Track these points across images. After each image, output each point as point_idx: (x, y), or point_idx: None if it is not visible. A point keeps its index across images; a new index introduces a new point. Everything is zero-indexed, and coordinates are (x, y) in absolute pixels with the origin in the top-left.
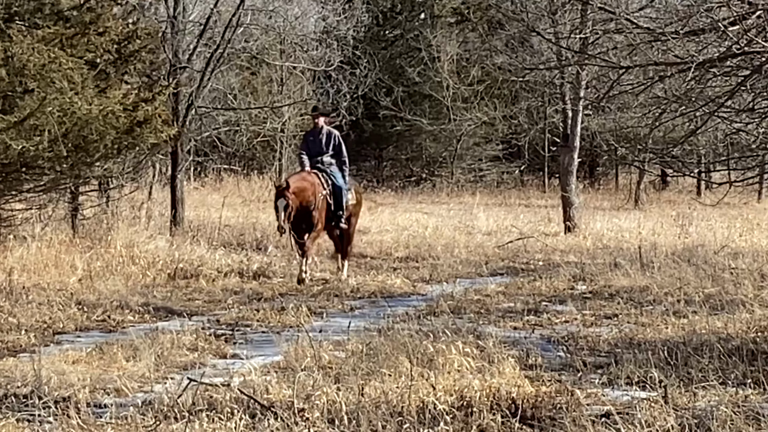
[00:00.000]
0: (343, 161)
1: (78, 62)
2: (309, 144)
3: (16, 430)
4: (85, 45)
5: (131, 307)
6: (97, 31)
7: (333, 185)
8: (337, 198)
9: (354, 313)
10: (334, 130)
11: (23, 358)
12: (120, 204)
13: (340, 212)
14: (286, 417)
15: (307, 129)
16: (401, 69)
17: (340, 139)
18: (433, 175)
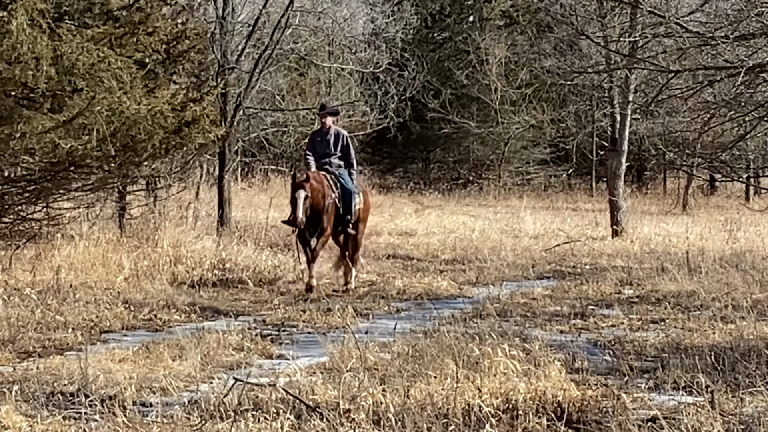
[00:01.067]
0: (351, 163)
1: (127, 62)
2: (316, 144)
3: (62, 428)
4: (134, 45)
5: (178, 306)
6: (146, 31)
7: (342, 188)
8: (346, 202)
9: (400, 315)
10: (342, 130)
11: (70, 356)
12: (167, 204)
13: (349, 217)
14: (331, 417)
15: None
16: (449, 71)
17: (348, 140)
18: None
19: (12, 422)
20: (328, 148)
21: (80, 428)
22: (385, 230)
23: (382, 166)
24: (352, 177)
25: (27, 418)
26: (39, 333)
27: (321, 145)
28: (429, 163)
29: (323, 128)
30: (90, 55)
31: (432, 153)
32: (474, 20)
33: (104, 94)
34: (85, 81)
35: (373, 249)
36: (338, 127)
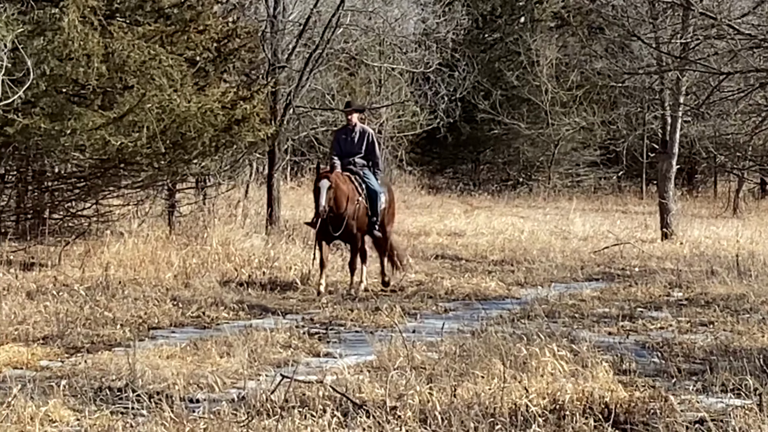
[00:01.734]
0: (376, 162)
1: (178, 59)
2: (341, 143)
3: (110, 423)
4: (185, 42)
5: (226, 304)
6: (197, 29)
7: (367, 189)
8: (372, 203)
9: (448, 314)
10: (368, 128)
11: (118, 351)
12: (216, 202)
13: (375, 218)
14: (378, 415)
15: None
16: (500, 72)
17: (374, 138)
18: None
19: (60, 416)
20: (353, 146)
21: (127, 423)
22: (434, 230)
23: (431, 167)
24: (377, 177)
25: (75, 413)
26: (87, 329)
27: (346, 144)
28: (479, 163)
29: (348, 126)
30: (141, 53)
31: (482, 154)
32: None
33: (155, 91)
34: (135, 78)
35: (422, 249)
36: (364, 124)
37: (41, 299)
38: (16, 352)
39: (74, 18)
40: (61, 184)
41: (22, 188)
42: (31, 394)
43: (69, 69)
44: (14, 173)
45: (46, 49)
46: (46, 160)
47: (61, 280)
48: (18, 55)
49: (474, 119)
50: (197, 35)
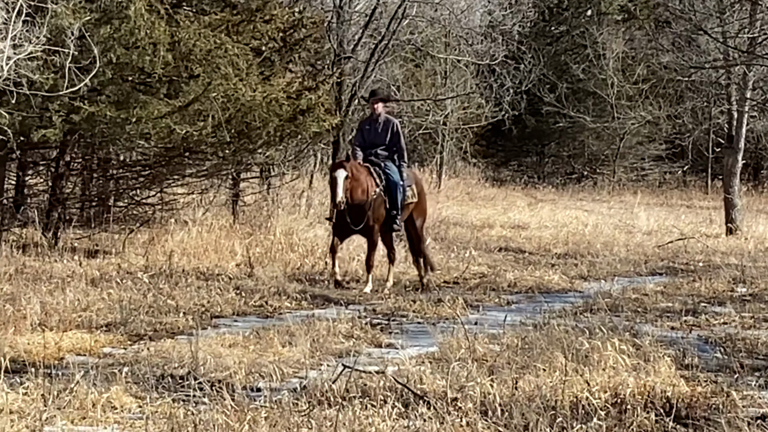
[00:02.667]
0: (400, 153)
1: (243, 49)
2: (364, 133)
3: (172, 410)
4: (250, 32)
5: (289, 293)
6: (263, 19)
7: (387, 181)
8: (391, 196)
9: (510, 307)
10: (393, 118)
11: (181, 339)
12: (280, 192)
13: (395, 212)
14: (439, 406)
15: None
16: (566, 65)
17: (399, 128)
18: (594, 172)
19: (122, 403)
20: (377, 137)
21: (189, 411)
22: (497, 223)
23: (496, 159)
24: (401, 168)
25: (137, 400)
26: (150, 316)
27: (369, 134)
28: (543, 156)
29: (373, 115)
30: (207, 42)
31: (546, 147)
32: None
33: (220, 80)
34: (201, 67)
35: (485, 241)
36: (389, 114)
37: (105, 286)
38: (79, 339)
39: (141, 6)
40: (126, 172)
41: (87, 176)
42: (93, 381)
43: (135, 57)
44: (80, 161)
45: (113, 37)
46: (112, 148)
47: (125, 268)
48: (85, 43)
49: (539, 112)
50: (263, 25)
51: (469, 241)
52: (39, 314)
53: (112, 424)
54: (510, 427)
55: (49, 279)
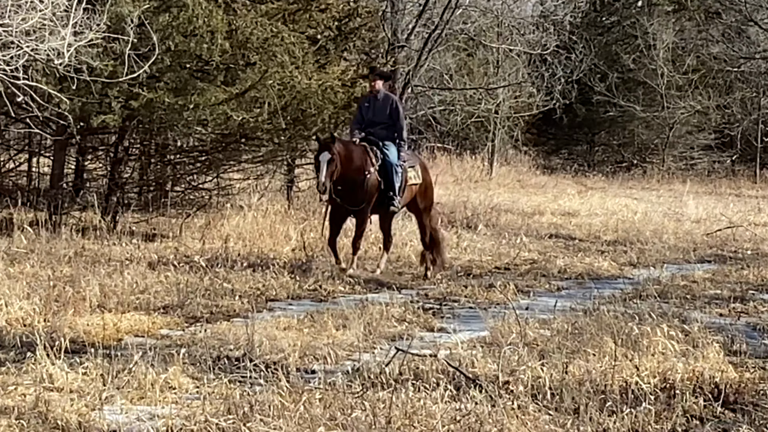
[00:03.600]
0: (399, 132)
1: (299, 37)
2: (363, 111)
3: (228, 391)
4: (306, 21)
5: (342, 278)
6: (319, 8)
7: (384, 161)
8: (387, 176)
9: (560, 293)
10: (392, 95)
11: (237, 322)
12: None
13: (391, 193)
14: (490, 389)
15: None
16: (616, 55)
17: (399, 105)
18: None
19: (179, 384)
20: (376, 115)
21: (245, 392)
22: (548, 210)
23: (546, 147)
24: (400, 148)
25: (194, 381)
26: (207, 299)
27: (368, 112)
28: (593, 145)
29: (372, 93)
30: (264, 30)
31: (597, 135)
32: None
33: (276, 68)
34: (258, 55)
35: (536, 228)
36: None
37: (162, 270)
38: (137, 321)
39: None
40: (183, 158)
41: (145, 161)
42: (151, 362)
43: (193, 45)
44: (138, 146)
45: (172, 25)
46: (169, 134)
47: (182, 252)
48: (144, 30)
49: (590, 101)
50: (319, 14)
51: (520, 227)
52: (98, 296)
53: (169, 404)
54: (560, 411)
55: (108, 262)
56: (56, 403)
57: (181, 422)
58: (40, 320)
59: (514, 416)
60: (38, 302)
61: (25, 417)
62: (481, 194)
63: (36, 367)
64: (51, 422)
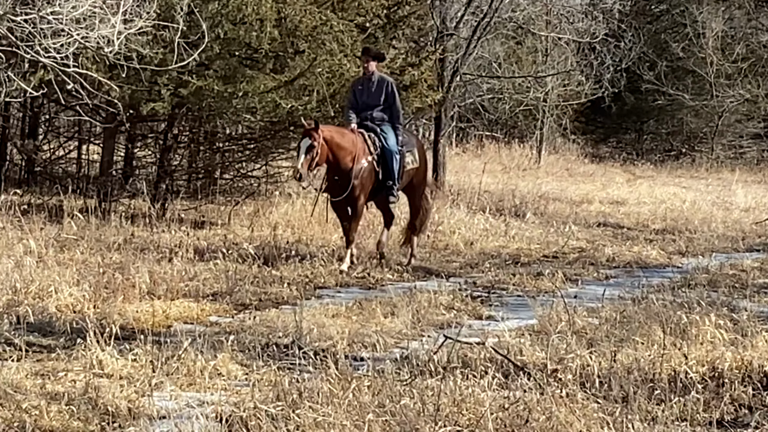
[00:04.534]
0: (396, 116)
1: (348, 25)
2: (357, 94)
3: (276, 378)
4: (355, 9)
5: (390, 265)
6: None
7: (382, 148)
8: (387, 165)
9: (609, 281)
10: (387, 77)
11: (285, 309)
12: None
13: (390, 182)
14: (538, 378)
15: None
16: (665, 44)
17: (394, 88)
18: (692, 150)
19: (228, 370)
20: (371, 97)
21: (294, 379)
22: (596, 198)
23: (595, 136)
24: (397, 133)
25: (242, 367)
26: (255, 286)
27: (362, 95)
28: (642, 134)
29: (366, 75)
30: (313, 18)
31: (645, 124)
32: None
33: (325, 56)
34: (307, 43)
35: (584, 216)
36: (383, 73)
37: (211, 257)
38: (186, 308)
39: None
40: (232, 146)
41: (195, 149)
42: (200, 348)
43: (242, 33)
44: (187, 134)
45: (221, 13)
46: (218, 121)
47: (231, 239)
48: (193, 18)
49: (638, 90)
50: (368, 1)
51: (569, 216)
52: (147, 283)
53: (218, 391)
54: (609, 399)
55: (157, 249)
56: (106, 389)
57: (230, 409)
58: (90, 307)
59: (562, 404)
60: (88, 289)
61: (75, 403)
62: (530, 183)
63: (86, 354)
64: (101, 408)
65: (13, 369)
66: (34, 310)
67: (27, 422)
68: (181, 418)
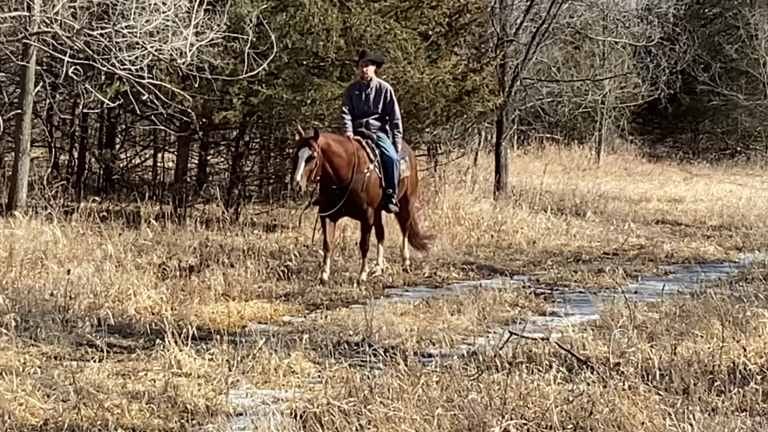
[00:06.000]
0: (394, 123)
1: (411, 33)
2: (353, 100)
3: (349, 374)
4: (418, 17)
5: (456, 264)
6: (430, 5)
7: (381, 156)
8: (387, 173)
9: (668, 277)
10: (385, 84)
11: (355, 308)
12: (447, 168)
13: (390, 190)
14: (601, 371)
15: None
16: (719, 46)
17: (392, 95)
18: (747, 148)
19: (301, 368)
20: (368, 104)
21: (365, 375)
22: (654, 197)
23: (652, 136)
24: (396, 141)
25: (315, 365)
26: (326, 287)
27: (359, 101)
28: (698, 133)
29: (363, 80)
30: (377, 27)
31: (701, 124)
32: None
33: (390, 63)
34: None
35: (643, 214)
36: (381, 79)
37: (283, 259)
38: (260, 308)
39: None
40: None
41: (265, 155)
42: (274, 347)
43: (309, 42)
44: (258, 141)
45: (289, 23)
46: (288, 128)
47: (302, 241)
48: (262, 29)
49: (693, 91)
50: (430, 10)
51: (628, 214)
52: (222, 285)
53: (292, 388)
54: (670, 391)
55: (231, 252)
56: (184, 387)
57: (303, 405)
58: (167, 309)
59: (625, 397)
60: (165, 291)
61: (155, 401)
62: (589, 182)
63: (165, 354)
64: (180, 406)
65: (96, 369)
66: (114, 313)
67: (109, 420)
68: (257, 414)
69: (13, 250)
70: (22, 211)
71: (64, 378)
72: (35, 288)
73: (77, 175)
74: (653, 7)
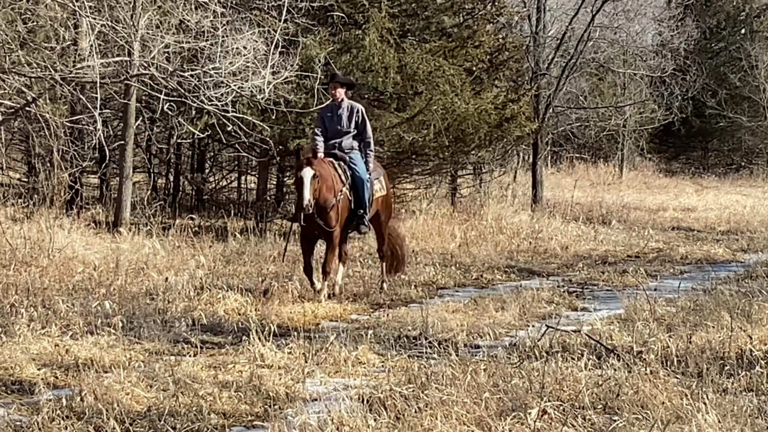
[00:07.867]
0: (366, 143)
1: (458, 69)
2: (326, 121)
3: (408, 364)
4: (463, 56)
5: (499, 268)
6: (473, 44)
7: (353, 177)
8: (357, 194)
9: (683, 276)
10: (356, 104)
11: (413, 307)
12: (490, 185)
13: (361, 211)
14: (626, 358)
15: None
16: (724, 75)
17: (364, 115)
18: (751, 163)
19: (367, 359)
20: (340, 124)
21: (422, 365)
22: (670, 207)
23: (667, 154)
24: (368, 161)
25: (379, 356)
26: (388, 289)
27: (332, 123)
28: (707, 151)
29: (334, 102)
30: (428, 65)
31: (710, 143)
32: (745, 32)
33: (439, 96)
34: (424, 85)
35: (660, 222)
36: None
37: (350, 265)
38: (331, 308)
39: (374, 38)
40: None
41: None
42: (344, 341)
43: (370, 79)
44: None
45: (352, 63)
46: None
47: (366, 250)
48: (329, 68)
49: (703, 114)
50: (474, 49)
51: (647, 222)
52: (298, 289)
53: (360, 376)
54: (686, 374)
55: None
56: (267, 377)
57: (369, 391)
58: (252, 310)
59: (647, 380)
60: (250, 295)
61: (242, 389)
62: (613, 195)
63: (250, 348)
64: (263, 393)
65: (191, 363)
66: (206, 314)
67: (203, 406)
68: (330, 400)
69: (119, 262)
70: (126, 228)
71: (164, 370)
72: (138, 294)
73: (173, 196)
74: (667, 43)
